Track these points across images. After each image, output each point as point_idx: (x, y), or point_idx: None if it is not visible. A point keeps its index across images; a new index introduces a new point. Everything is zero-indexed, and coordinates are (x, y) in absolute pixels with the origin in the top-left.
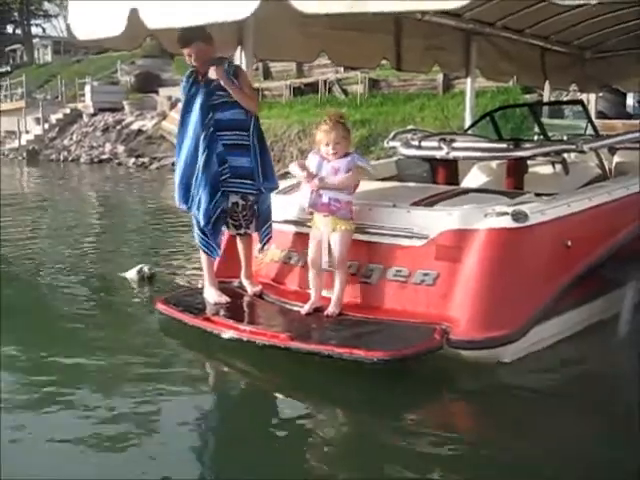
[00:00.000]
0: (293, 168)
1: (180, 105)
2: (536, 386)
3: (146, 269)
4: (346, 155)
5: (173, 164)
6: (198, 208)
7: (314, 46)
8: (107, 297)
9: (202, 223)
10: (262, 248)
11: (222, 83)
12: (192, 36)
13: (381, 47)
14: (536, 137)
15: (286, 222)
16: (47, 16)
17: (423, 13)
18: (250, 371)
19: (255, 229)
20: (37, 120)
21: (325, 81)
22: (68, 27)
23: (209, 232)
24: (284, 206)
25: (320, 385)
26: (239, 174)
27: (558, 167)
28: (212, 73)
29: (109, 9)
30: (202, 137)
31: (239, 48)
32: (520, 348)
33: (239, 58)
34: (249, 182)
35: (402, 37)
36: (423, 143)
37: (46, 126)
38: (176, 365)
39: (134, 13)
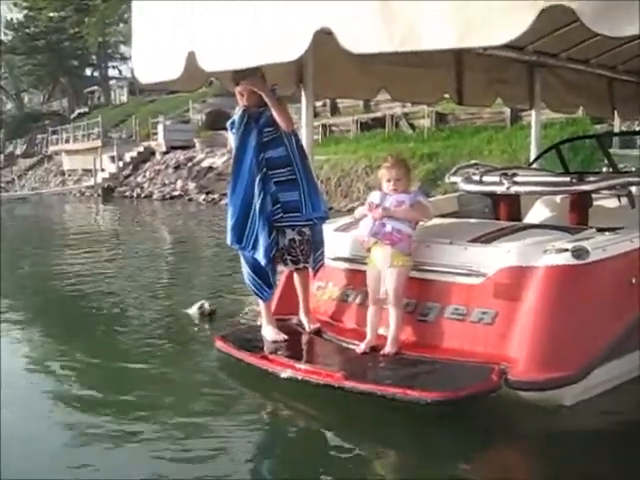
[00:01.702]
0: (357, 211)
1: (233, 144)
2: (600, 432)
3: (207, 305)
4: (408, 192)
5: None
6: (254, 248)
7: (374, 84)
8: (169, 333)
9: (263, 262)
10: (314, 275)
11: (260, 91)
12: (245, 75)
13: (442, 82)
14: (605, 169)
15: (343, 259)
16: (123, 59)
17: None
18: (305, 411)
19: (312, 262)
20: (112, 158)
21: (392, 116)
22: (132, 71)
23: (269, 270)
24: (341, 243)
25: (375, 427)
26: (290, 208)
27: (624, 200)
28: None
29: (168, 53)
30: (258, 178)
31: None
32: (582, 390)
33: (300, 97)
34: (299, 214)
35: (463, 72)
36: (484, 178)
37: (120, 164)
38: (232, 405)
39: (191, 56)
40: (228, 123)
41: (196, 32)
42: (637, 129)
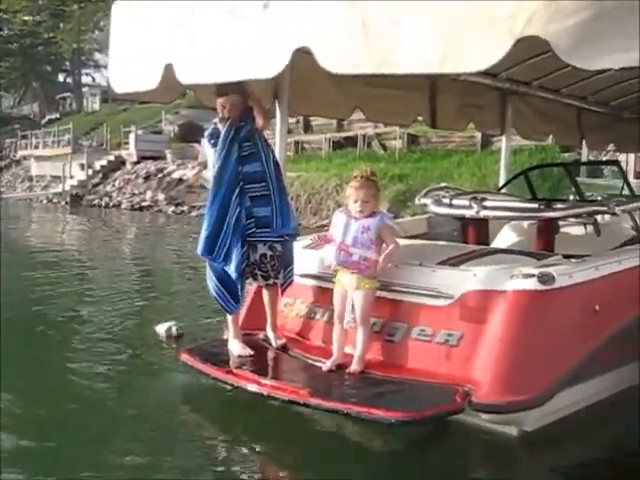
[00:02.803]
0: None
1: (213, 155)
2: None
3: (174, 329)
4: (374, 214)
5: None
6: (225, 261)
7: (349, 103)
8: (134, 353)
9: (234, 276)
10: (283, 292)
11: (253, 101)
12: (228, 88)
13: (415, 105)
14: (572, 197)
15: (311, 277)
16: (97, 66)
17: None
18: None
19: (282, 278)
20: (81, 166)
21: (364, 136)
22: (107, 80)
23: (238, 284)
24: (310, 261)
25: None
26: (262, 223)
27: (590, 228)
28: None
29: (145, 64)
30: (236, 192)
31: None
32: (544, 414)
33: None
34: (269, 230)
35: (437, 95)
36: (454, 201)
37: (90, 172)
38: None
39: (169, 68)
40: (206, 134)
41: (175, 44)
42: (604, 159)
